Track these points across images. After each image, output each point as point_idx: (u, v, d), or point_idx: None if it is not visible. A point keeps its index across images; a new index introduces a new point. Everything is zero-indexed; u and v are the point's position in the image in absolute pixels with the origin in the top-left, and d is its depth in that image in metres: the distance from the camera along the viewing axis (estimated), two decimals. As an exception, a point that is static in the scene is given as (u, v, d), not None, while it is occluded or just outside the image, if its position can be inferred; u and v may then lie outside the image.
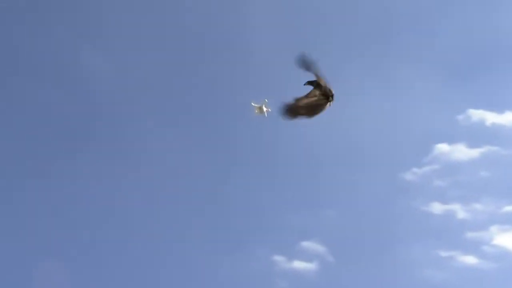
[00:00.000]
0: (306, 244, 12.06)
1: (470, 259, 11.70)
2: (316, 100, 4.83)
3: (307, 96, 4.93)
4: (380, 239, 12.32)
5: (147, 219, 11.70)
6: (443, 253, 12.24)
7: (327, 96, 4.84)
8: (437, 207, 12.73)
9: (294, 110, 4.72)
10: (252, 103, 4.83)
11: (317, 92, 4.82)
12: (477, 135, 13.16)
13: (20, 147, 11.88)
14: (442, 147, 13.35)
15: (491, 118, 13.16)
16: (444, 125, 13.55)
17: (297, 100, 4.84)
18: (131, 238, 11.58)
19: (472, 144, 13.06)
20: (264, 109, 4.88)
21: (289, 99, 4.70)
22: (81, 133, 12.41)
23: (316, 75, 4.75)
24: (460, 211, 12.51)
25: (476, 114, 13.28)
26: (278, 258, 12.08)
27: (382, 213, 12.84)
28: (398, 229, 12.63)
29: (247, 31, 13.41)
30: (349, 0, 13.87)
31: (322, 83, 4.80)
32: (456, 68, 13.83)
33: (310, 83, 4.86)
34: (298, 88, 5.02)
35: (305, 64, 4.62)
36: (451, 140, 13.33)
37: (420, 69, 13.63)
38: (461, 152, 13.24)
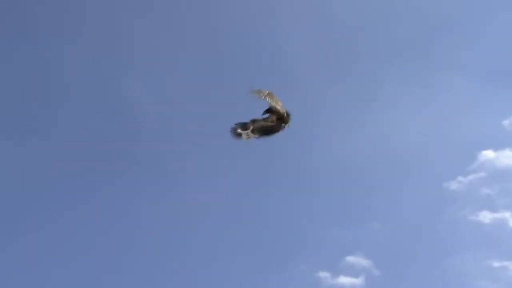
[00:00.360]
0: (351, 259, 11.97)
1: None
2: (272, 125, 5.11)
3: (264, 119, 5.16)
4: (428, 251, 12.07)
5: (191, 240, 11.92)
6: (496, 263, 11.86)
7: (283, 120, 5.16)
8: (486, 216, 12.37)
9: (247, 130, 5.05)
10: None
11: (274, 118, 5.11)
12: (524, 140, 12.71)
13: (68, 172, 12.38)
14: (488, 154, 12.99)
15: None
16: (489, 131, 13.20)
17: (253, 121, 5.10)
18: (176, 258, 11.80)
19: (519, 150, 12.63)
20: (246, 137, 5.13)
21: (245, 119, 5.02)
22: (124, 157, 12.83)
23: (271, 103, 5.05)
24: (511, 219, 12.12)
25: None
26: (323, 274, 12.04)
27: (428, 224, 12.58)
28: (446, 240, 12.35)
29: (284, 47, 13.52)
30: (390, 7, 13.84)
31: (278, 109, 5.09)
32: (500, 72, 13.47)
33: (267, 111, 5.15)
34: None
35: (257, 95, 4.96)
36: (496, 146, 12.96)
37: (463, 75, 13.37)
38: (508, 158, 12.84)
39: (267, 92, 5.17)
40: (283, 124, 5.29)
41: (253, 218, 12.56)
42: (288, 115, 5.31)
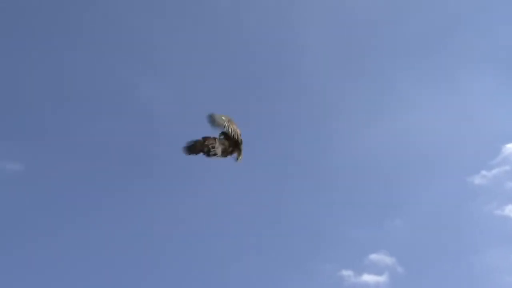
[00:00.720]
0: (375, 257, 11.89)
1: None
2: (225, 148, 5.20)
3: (215, 138, 5.24)
4: (453, 247, 11.91)
5: (213, 240, 11.96)
6: (524, 258, 11.66)
7: (236, 145, 5.24)
8: (513, 210, 12.16)
9: (198, 147, 5.09)
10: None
11: (227, 142, 5.18)
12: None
13: (83, 174, 12.54)
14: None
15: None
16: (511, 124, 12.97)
17: (205, 139, 5.17)
18: (198, 258, 11.87)
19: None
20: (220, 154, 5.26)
21: (198, 136, 5.12)
22: (140, 159, 12.96)
23: (227, 128, 5.15)
24: (538, 213, 11.88)
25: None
26: (346, 272, 11.99)
27: (453, 220, 12.42)
28: (472, 236, 12.16)
29: (302, 44, 13.48)
30: (409, 2, 13.71)
31: (231, 134, 5.17)
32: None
33: (222, 133, 5.24)
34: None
35: (217, 121, 5.04)
36: (521, 139, 12.71)
37: (485, 68, 13.15)
38: (533, 150, 12.59)
39: (228, 118, 5.24)
40: (233, 153, 5.42)
41: (275, 218, 12.57)
42: (240, 146, 5.37)
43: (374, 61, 13.61)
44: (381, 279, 11.80)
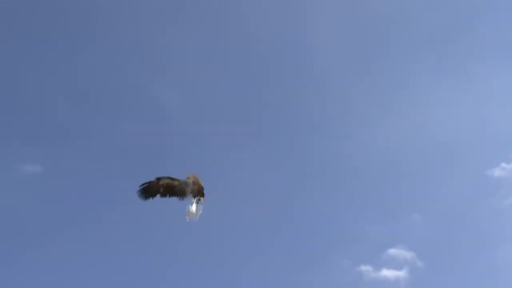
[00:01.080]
0: (393, 252, 11.84)
1: None
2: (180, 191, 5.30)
3: (173, 179, 5.31)
4: (472, 240, 11.80)
5: (237, 236, 11.95)
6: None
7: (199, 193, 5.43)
8: (534, 203, 12.00)
9: (152, 189, 5.23)
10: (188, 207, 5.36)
11: (187, 190, 5.32)
12: None
13: (103, 174, 12.65)
14: (532, 139, 12.57)
15: None
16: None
17: (159, 179, 5.26)
18: (220, 253, 11.89)
19: None
20: (195, 210, 5.30)
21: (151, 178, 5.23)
22: (156, 161, 13.00)
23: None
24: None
25: None
26: (365, 268, 11.96)
27: (472, 214, 12.30)
28: (491, 229, 12.03)
29: (313, 40, 13.43)
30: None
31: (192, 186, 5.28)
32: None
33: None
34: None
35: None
36: (540, 130, 12.54)
37: (503, 61, 13.01)
38: (553, 141, 12.42)
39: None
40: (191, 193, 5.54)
41: (294, 214, 12.55)
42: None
43: (389, 56, 13.55)
44: (401, 273, 11.75)
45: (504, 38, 13.37)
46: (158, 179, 5.37)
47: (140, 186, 5.37)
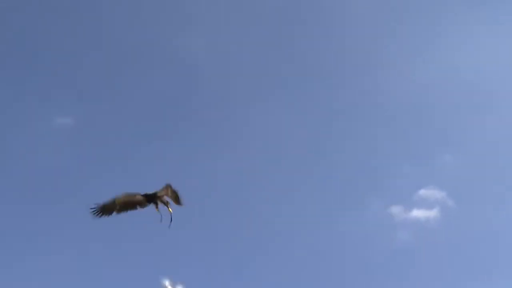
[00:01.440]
0: (424, 192, 11.83)
1: None
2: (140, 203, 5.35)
3: (132, 195, 5.32)
4: (505, 178, 11.68)
5: (269, 179, 12.00)
6: None
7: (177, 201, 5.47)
8: None
9: (110, 208, 5.25)
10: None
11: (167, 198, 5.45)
12: None
13: (133, 128, 12.73)
14: None
15: None
16: None
17: (120, 197, 5.28)
18: (248, 198, 11.96)
19: None
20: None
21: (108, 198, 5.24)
22: (183, 111, 13.03)
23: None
24: None
25: None
26: (395, 209, 11.98)
27: (505, 154, 12.14)
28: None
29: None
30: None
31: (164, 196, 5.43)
32: None
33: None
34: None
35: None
36: None
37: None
38: None
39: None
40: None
41: (326, 156, 12.51)
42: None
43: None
44: (432, 213, 11.76)
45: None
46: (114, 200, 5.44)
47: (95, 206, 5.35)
